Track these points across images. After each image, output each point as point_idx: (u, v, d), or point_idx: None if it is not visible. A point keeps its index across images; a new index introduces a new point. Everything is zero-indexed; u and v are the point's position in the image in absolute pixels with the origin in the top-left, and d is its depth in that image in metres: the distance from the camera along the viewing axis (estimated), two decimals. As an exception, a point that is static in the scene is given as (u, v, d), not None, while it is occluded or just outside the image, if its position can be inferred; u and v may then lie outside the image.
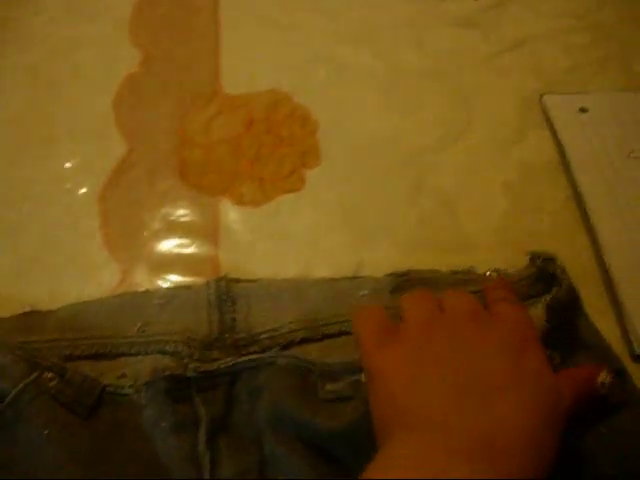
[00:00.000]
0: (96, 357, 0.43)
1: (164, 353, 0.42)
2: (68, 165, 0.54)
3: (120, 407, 0.40)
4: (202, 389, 0.40)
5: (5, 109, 0.59)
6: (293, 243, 0.49)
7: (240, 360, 0.41)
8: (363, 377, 0.38)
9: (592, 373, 0.37)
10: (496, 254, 0.49)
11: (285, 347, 0.43)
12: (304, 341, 0.43)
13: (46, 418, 0.38)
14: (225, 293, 0.46)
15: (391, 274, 0.47)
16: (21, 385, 0.38)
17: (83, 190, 0.53)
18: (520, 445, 0.30)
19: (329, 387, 0.39)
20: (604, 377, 0.36)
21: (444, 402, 0.31)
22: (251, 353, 0.42)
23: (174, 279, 0.48)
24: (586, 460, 0.37)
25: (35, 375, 0.39)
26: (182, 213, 0.51)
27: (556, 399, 0.33)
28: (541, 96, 0.57)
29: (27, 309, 0.47)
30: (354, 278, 0.48)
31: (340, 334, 0.43)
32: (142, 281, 0.48)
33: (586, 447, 0.37)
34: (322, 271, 0.48)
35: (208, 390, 0.40)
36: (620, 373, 0.38)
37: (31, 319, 0.46)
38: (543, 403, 0.32)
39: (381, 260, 0.48)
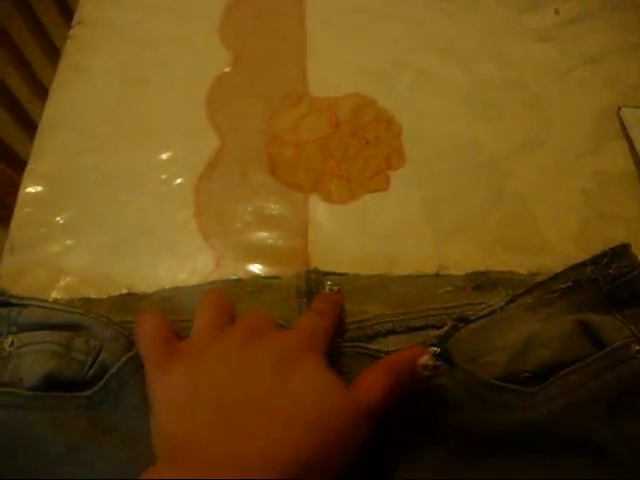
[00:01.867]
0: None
1: None
2: (164, 157, 0.57)
3: None
4: None
5: (99, 103, 0.63)
6: (378, 240, 0.52)
7: None
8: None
9: (414, 355, 0.37)
10: (572, 259, 0.50)
11: (371, 337, 0.45)
12: (390, 333, 0.45)
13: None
14: (315, 285, 0.48)
15: (473, 273, 0.48)
16: (124, 358, 0.41)
17: (178, 180, 0.56)
18: (273, 464, 0.30)
19: None
20: (426, 359, 0.37)
21: (207, 430, 0.32)
22: (337, 342, 0.44)
23: (264, 269, 0.51)
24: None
25: (135, 351, 0.41)
26: (273, 207, 0.54)
27: (332, 407, 0.34)
28: (619, 109, 0.59)
29: (124, 291, 0.50)
30: (437, 276, 0.50)
31: (425, 327, 0.45)
32: (234, 269, 0.51)
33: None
34: (405, 268, 0.50)
35: None
36: (443, 355, 0.39)
37: (128, 301, 0.49)
38: (311, 418, 0.32)
39: (462, 260, 0.50)
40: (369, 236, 0.52)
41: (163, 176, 0.56)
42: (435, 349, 0.38)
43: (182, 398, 0.34)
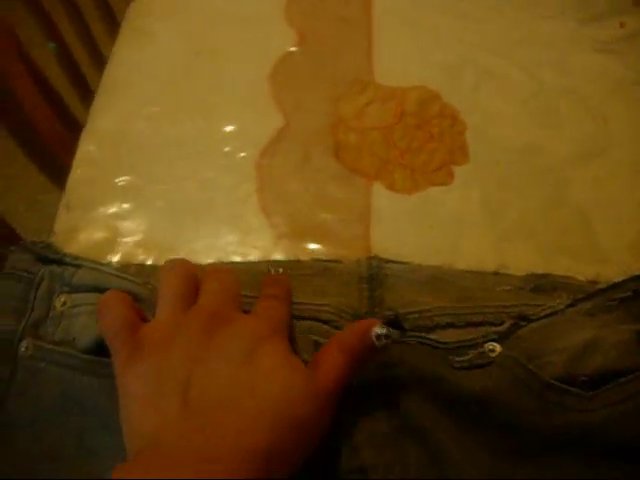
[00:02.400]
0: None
1: (317, 320, 0.45)
2: (227, 129, 0.57)
3: None
4: None
5: (162, 70, 0.62)
6: (439, 233, 0.52)
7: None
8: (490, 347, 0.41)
9: (366, 328, 0.37)
10: (627, 268, 0.51)
11: (430, 329, 0.45)
12: (449, 326, 0.45)
13: None
14: (376, 271, 0.48)
15: (532, 274, 0.49)
16: None
17: (241, 154, 0.56)
18: (242, 456, 0.30)
19: (458, 359, 0.41)
20: (379, 329, 0.37)
21: (174, 426, 0.32)
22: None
23: (324, 251, 0.51)
24: None
25: None
26: (335, 190, 0.54)
27: (299, 392, 0.33)
28: (681, 126, 0.59)
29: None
30: (496, 274, 0.50)
31: (483, 323, 0.45)
32: (294, 249, 0.51)
33: None
34: (464, 263, 0.50)
35: None
36: (394, 323, 0.40)
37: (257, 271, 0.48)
38: (277, 406, 0.32)
39: (521, 260, 0.51)
40: (430, 228, 0.52)
41: (226, 149, 0.56)
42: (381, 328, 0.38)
43: (148, 392, 0.34)
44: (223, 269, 0.42)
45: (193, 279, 0.39)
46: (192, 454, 0.30)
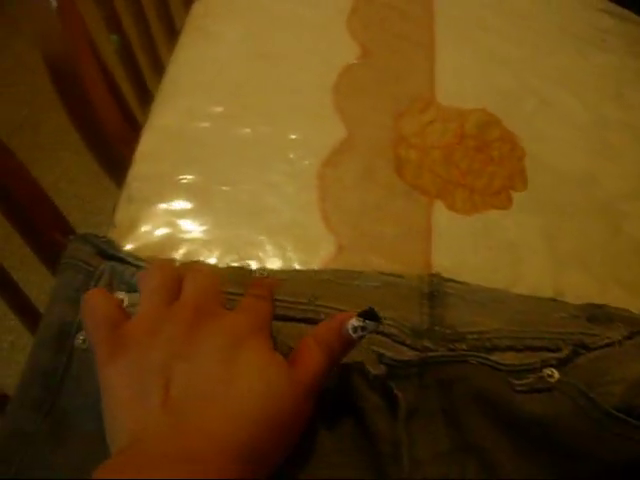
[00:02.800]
0: (308, 322, 0.45)
1: (378, 333, 0.45)
2: (292, 136, 0.57)
3: None
4: (396, 376, 0.42)
5: (225, 71, 0.63)
6: (497, 256, 0.52)
7: (444, 353, 0.43)
8: (549, 372, 0.42)
9: (342, 320, 0.37)
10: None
11: (490, 350, 0.45)
12: (508, 349, 0.46)
13: None
14: (437, 289, 0.48)
15: (589, 304, 0.49)
16: None
17: (305, 162, 0.56)
18: (225, 456, 0.31)
19: (519, 382, 0.42)
20: (355, 321, 0.37)
21: (156, 424, 0.32)
22: (458, 350, 0.45)
23: (384, 265, 0.51)
24: None
25: None
26: (396, 205, 0.54)
27: (278, 388, 0.34)
28: None
29: (241, 263, 0.50)
30: (553, 300, 0.50)
31: (540, 349, 0.46)
32: (355, 260, 0.51)
33: None
34: (521, 288, 0.51)
35: (401, 378, 0.43)
36: (370, 315, 0.39)
37: (244, 275, 0.49)
38: (259, 400, 0.33)
39: (577, 289, 0.51)
40: (489, 250, 0.52)
41: (290, 155, 0.56)
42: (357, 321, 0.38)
43: (130, 388, 0.33)
44: (203, 268, 0.42)
45: (175, 276, 0.39)
46: (173, 454, 0.31)
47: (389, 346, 0.44)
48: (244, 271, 0.49)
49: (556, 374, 0.42)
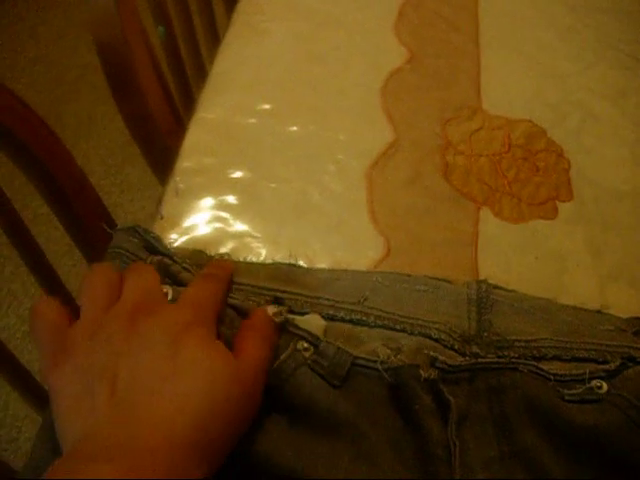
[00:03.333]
0: (356, 323, 0.45)
1: (427, 337, 0.45)
2: (341, 137, 0.57)
3: (370, 380, 0.42)
4: (447, 381, 0.42)
5: (273, 69, 0.63)
6: (544, 266, 0.52)
7: (495, 360, 0.43)
8: (597, 384, 0.42)
9: (263, 312, 0.41)
10: None
11: (537, 359, 0.45)
12: (555, 358, 0.46)
13: (310, 387, 0.40)
14: (485, 295, 0.48)
15: (636, 318, 0.49)
16: (283, 356, 0.41)
17: (353, 163, 0.56)
18: (172, 446, 0.31)
19: (568, 392, 0.42)
20: (272, 309, 0.41)
21: (103, 421, 0.32)
22: (506, 356, 0.45)
23: (431, 270, 0.51)
24: None
25: (292, 348, 0.41)
26: (444, 210, 0.54)
27: (223, 380, 0.34)
28: None
29: (289, 261, 0.50)
30: (599, 312, 0.50)
31: (588, 360, 0.46)
32: (402, 263, 0.51)
33: None
34: (567, 299, 0.51)
35: (452, 382, 0.42)
36: (279, 301, 0.43)
37: (291, 272, 0.48)
38: (203, 396, 0.33)
39: (622, 303, 0.51)
40: (535, 259, 0.52)
41: (339, 156, 0.56)
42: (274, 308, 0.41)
43: (75, 390, 0.34)
44: (142, 265, 0.42)
45: (115, 280, 0.39)
46: (121, 445, 0.31)
47: (439, 351, 0.44)
48: (299, 269, 0.49)
49: (605, 386, 0.42)
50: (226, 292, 0.42)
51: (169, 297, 0.43)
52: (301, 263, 0.50)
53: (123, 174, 1.26)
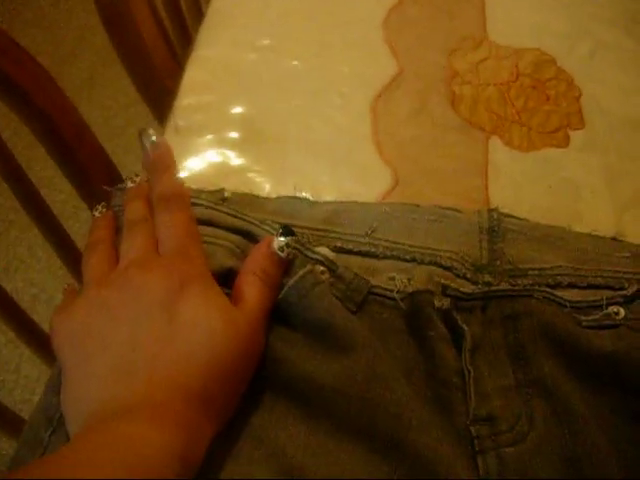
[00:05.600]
0: (365, 255, 0.44)
1: (438, 266, 0.44)
2: (343, 69, 0.56)
3: (385, 308, 0.41)
4: (460, 309, 0.41)
5: (273, 5, 0.61)
6: (557, 195, 0.51)
7: (509, 288, 0.42)
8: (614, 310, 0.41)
9: (267, 246, 0.38)
10: None
11: (552, 287, 0.44)
12: (570, 286, 0.44)
13: (328, 304, 0.39)
14: (496, 224, 0.47)
15: None
16: (301, 272, 0.39)
17: (357, 96, 0.54)
18: (178, 400, 0.31)
19: (585, 318, 0.41)
20: (278, 242, 0.39)
21: (103, 380, 0.32)
22: (519, 284, 0.44)
23: (441, 199, 0.50)
24: None
25: (310, 267, 0.40)
26: (452, 140, 0.53)
27: (223, 331, 0.34)
28: None
29: (295, 193, 0.49)
30: (615, 240, 0.49)
31: (604, 287, 0.44)
32: (412, 194, 0.50)
33: None
34: (581, 227, 0.49)
35: (465, 311, 0.41)
36: (288, 231, 0.40)
37: (297, 205, 0.47)
38: (204, 352, 0.33)
39: (638, 231, 0.50)
40: (548, 188, 0.51)
41: (343, 89, 0.54)
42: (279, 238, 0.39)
43: (75, 356, 0.34)
44: (135, 221, 0.41)
45: (109, 249, 0.40)
46: (129, 405, 0.31)
47: (451, 279, 0.43)
48: (304, 202, 0.48)
49: (622, 312, 0.41)
50: (194, 219, 0.40)
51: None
52: (307, 196, 0.49)
53: (127, 134, 1.25)
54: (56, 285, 1.01)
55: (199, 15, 0.59)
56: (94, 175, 0.55)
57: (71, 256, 0.59)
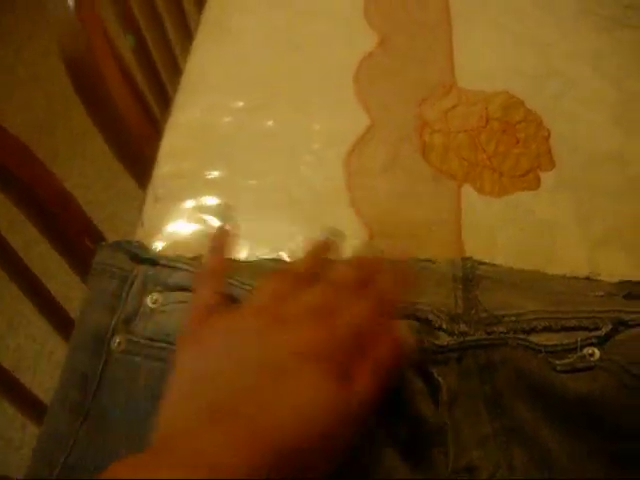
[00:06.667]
0: None
1: (414, 319, 0.44)
2: (315, 127, 0.57)
3: None
4: (436, 362, 0.42)
5: (246, 65, 0.63)
6: (530, 238, 0.52)
7: (483, 337, 0.43)
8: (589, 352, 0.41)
9: (396, 345, 0.38)
10: None
11: (526, 332, 0.45)
12: (545, 330, 0.45)
13: None
14: (470, 272, 0.48)
15: (625, 281, 0.49)
16: None
17: (330, 152, 0.56)
18: (272, 451, 0.31)
19: (560, 362, 0.41)
20: (410, 338, 0.39)
21: (197, 420, 0.33)
22: (495, 332, 0.44)
23: (415, 250, 0.51)
24: None
25: None
26: (425, 190, 0.54)
27: (324, 405, 0.33)
28: None
29: (271, 256, 0.50)
30: (588, 279, 0.50)
31: (578, 328, 0.45)
32: (386, 247, 0.51)
33: None
34: (555, 269, 0.50)
35: (441, 363, 0.42)
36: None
37: (274, 266, 0.49)
38: (304, 413, 0.33)
39: (612, 268, 0.50)
40: (521, 231, 0.52)
41: (315, 146, 0.56)
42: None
43: (188, 378, 0.35)
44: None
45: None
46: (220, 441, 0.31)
47: (427, 332, 0.44)
48: (279, 263, 0.49)
49: (597, 353, 0.42)
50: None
51: (159, 302, 0.43)
52: (285, 257, 0.50)
53: (120, 185, 1.27)
54: (57, 340, 1.02)
55: (179, 80, 0.61)
56: (76, 238, 0.56)
57: (57, 316, 0.60)
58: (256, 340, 0.36)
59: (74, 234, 0.55)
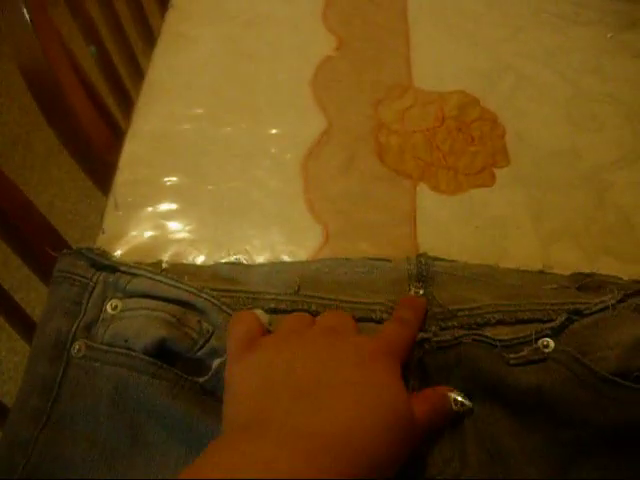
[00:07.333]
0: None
1: (369, 320, 0.45)
2: (273, 131, 0.58)
3: None
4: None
5: (204, 74, 0.63)
6: (485, 234, 0.53)
7: (442, 339, 0.43)
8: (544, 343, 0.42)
9: (444, 394, 0.41)
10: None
11: (481, 326, 0.45)
12: (499, 323, 0.46)
13: None
14: (425, 269, 0.49)
15: (578, 273, 0.49)
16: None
17: (287, 156, 0.56)
18: (345, 445, 0.32)
19: (514, 356, 0.42)
20: (458, 396, 0.41)
21: (280, 406, 0.34)
22: (450, 327, 0.45)
23: (372, 251, 0.52)
24: None
25: None
26: (380, 191, 0.55)
27: (402, 409, 0.35)
28: None
29: (230, 259, 0.51)
30: (542, 273, 0.51)
31: (532, 321, 0.46)
32: (342, 248, 0.52)
33: None
34: (509, 263, 0.51)
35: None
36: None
37: (234, 270, 0.49)
38: (383, 410, 0.34)
39: (565, 261, 0.51)
40: (476, 228, 0.53)
41: (272, 150, 0.56)
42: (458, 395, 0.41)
43: (256, 381, 0.36)
44: (339, 311, 0.44)
45: (309, 319, 0.42)
46: (295, 432, 0.32)
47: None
48: (239, 267, 0.50)
49: (552, 344, 0.42)
50: (415, 338, 0.43)
51: (118, 309, 0.44)
52: (242, 260, 0.51)
53: (96, 196, 1.27)
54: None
55: (140, 80, 0.62)
56: (39, 247, 0.56)
57: (26, 325, 0.61)
58: (312, 346, 0.38)
59: (37, 244, 0.56)
